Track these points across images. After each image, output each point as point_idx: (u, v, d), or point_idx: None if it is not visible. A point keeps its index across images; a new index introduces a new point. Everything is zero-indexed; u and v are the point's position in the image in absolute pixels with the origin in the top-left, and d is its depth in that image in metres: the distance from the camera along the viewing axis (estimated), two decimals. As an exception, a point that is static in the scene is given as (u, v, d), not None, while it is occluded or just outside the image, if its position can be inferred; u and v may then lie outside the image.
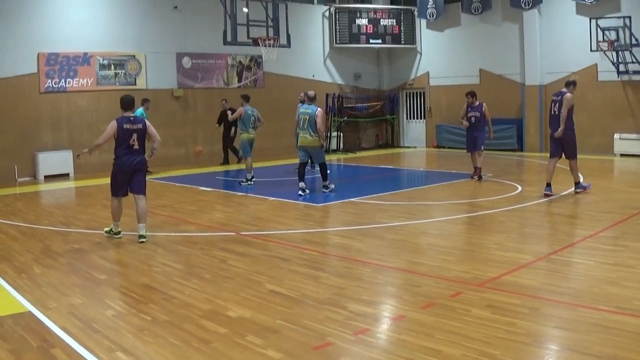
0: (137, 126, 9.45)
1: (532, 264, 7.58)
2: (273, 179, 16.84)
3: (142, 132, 9.51)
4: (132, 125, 9.39)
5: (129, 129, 9.35)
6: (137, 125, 9.45)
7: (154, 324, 5.87)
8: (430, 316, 5.83)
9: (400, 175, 18.84)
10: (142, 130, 9.50)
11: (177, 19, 21.29)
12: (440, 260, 8.02)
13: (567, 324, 5.58)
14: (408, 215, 11.22)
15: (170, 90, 21.18)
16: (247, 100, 15.51)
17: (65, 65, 18.89)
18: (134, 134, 9.37)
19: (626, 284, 6.63)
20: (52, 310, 6.26)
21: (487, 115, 15.41)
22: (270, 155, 22.32)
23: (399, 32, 26.25)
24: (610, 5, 20.27)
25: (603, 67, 20.47)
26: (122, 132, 9.30)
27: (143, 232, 9.53)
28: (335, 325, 5.67)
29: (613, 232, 9.26)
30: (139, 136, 9.45)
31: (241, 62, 23.00)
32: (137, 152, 9.47)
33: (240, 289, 6.89)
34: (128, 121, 9.38)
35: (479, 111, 15.35)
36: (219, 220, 11.31)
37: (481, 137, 15.49)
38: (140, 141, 9.49)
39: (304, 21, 24.67)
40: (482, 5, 23.61)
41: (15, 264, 8.29)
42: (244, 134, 15.44)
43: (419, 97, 27.17)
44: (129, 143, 9.35)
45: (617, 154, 20.40)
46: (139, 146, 9.47)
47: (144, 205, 9.63)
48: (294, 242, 9.34)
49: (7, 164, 17.94)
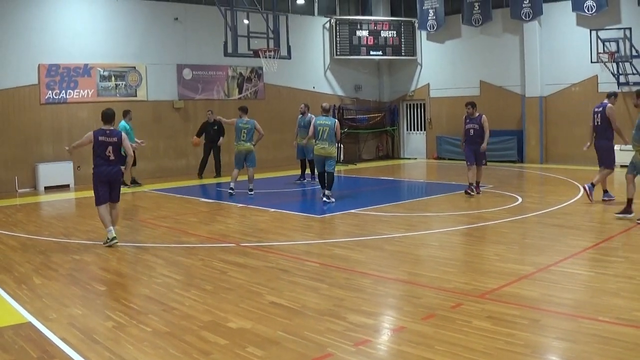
0: (112, 139, 10.02)
1: (532, 275, 7.58)
2: (273, 190, 16.82)
3: (117, 144, 10.07)
4: (107, 137, 9.99)
5: (104, 142, 9.97)
6: (112, 139, 10.03)
7: (155, 335, 5.87)
8: (431, 327, 5.83)
9: (400, 186, 18.84)
10: (117, 143, 10.06)
11: (178, 30, 21.35)
12: (440, 271, 8.02)
13: (567, 335, 5.58)
14: (408, 227, 11.23)
15: (170, 102, 21.21)
16: (244, 112, 15.58)
17: (65, 77, 18.94)
18: (109, 146, 9.97)
19: (626, 294, 6.63)
20: (52, 321, 6.26)
21: (486, 128, 14.74)
22: (271, 167, 22.33)
23: (399, 44, 26.32)
24: (610, 17, 20.34)
25: (603, 78, 20.53)
26: (97, 144, 9.97)
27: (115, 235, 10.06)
28: (336, 336, 5.67)
29: (613, 243, 9.27)
30: (114, 148, 10.02)
31: (242, 73, 23.04)
32: (113, 162, 10.07)
33: (241, 300, 6.89)
34: (104, 134, 10.00)
35: (478, 123, 14.78)
36: (219, 231, 11.31)
37: (479, 151, 14.83)
38: (116, 153, 10.06)
39: (305, 33, 24.75)
40: (482, 17, 23.68)
41: (16, 275, 8.29)
42: (235, 146, 15.58)
43: (419, 108, 27.20)
44: (105, 154, 9.96)
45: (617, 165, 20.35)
46: (114, 157, 10.05)
47: (117, 212, 10.41)
48: (294, 253, 9.34)
49: (7, 175, 17.96)
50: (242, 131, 15.31)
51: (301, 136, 17.26)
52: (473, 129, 14.83)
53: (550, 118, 22.22)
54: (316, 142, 14.19)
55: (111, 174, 10.05)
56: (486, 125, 14.78)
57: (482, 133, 14.75)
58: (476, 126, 14.78)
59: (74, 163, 18.80)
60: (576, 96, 21.16)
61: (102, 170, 9.99)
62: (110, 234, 10.01)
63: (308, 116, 17.15)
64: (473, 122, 14.86)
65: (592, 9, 20.54)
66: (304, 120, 17.24)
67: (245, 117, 15.46)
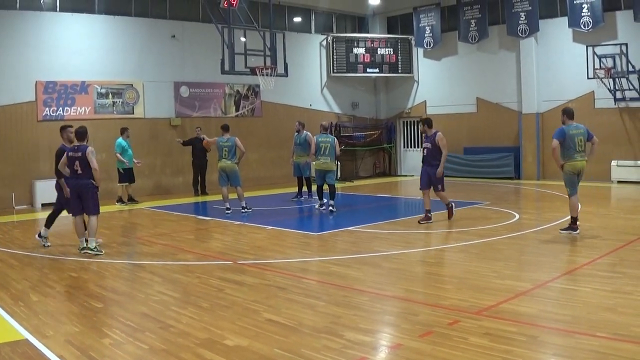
0: (78, 154, 10.65)
1: (529, 291, 7.57)
2: (270, 207, 16.81)
3: (83, 159, 10.61)
4: (74, 153, 10.69)
5: (72, 157, 10.69)
6: (78, 154, 10.66)
7: (151, 352, 5.85)
8: (428, 344, 5.82)
9: (397, 204, 18.85)
10: (82, 158, 10.61)
11: (175, 48, 21.43)
12: (437, 288, 8.01)
13: (564, 351, 5.57)
14: (405, 244, 11.22)
15: (168, 120, 21.24)
16: (225, 130, 15.71)
17: (63, 94, 18.98)
18: (76, 161, 10.64)
19: (624, 310, 6.63)
20: (49, 339, 6.24)
21: (442, 147, 13.20)
22: (268, 184, 22.34)
23: (396, 61, 26.45)
24: (606, 33, 20.47)
25: (600, 94, 20.63)
26: (68, 158, 10.77)
27: (90, 245, 10.76)
28: (333, 354, 5.65)
29: (611, 259, 9.26)
30: (80, 163, 10.62)
31: (239, 91, 23.10)
32: (80, 176, 10.67)
33: (238, 318, 6.87)
34: (72, 150, 10.75)
35: (432, 142, 13.29)
36: (216, 249, 11.30)
37: (435, 174, 13.34)
38: (83, 167, 10.62)
39: (302, 50, 24.85)
40: (479, 34, 23.82)
41: (13, 292, 8.27)
42: (217, 164, 15.79)
43: (416, 126, 27.24)
44: (73, 168, 10.70)
45: (615, 181, 20.45)
46: (82, 171, 10.63)
47: (93, 223, 10.81)
48: (291, 270, 9.33)
49: (4, 192, 17.96)
50: (223, 149, 15.42)
51: (297, 154, 17.30)
52: (427, 148, 13.48)
53: (547, 134, 22.26)
54: (318, 157, 15.49)
55: (78, 185, 10.71)
56: (442, 144, 13.24)
57: (438, 153, 13.25)
58: (429, 145, 13.36)
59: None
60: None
61: (71, 183, 10.85)
62: (80, 244, 10.90)
63: (303, 134, 17.18)
64: (427, 140, 13.48)
65: (588, 25, 20.69)
66: (299, 138, 17.26)
67: (227, 135, 15.52)
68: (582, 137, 11.34)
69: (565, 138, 11.25)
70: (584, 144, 11.43)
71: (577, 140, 11.29)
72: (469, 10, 24.04)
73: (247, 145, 16.94)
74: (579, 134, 11.32)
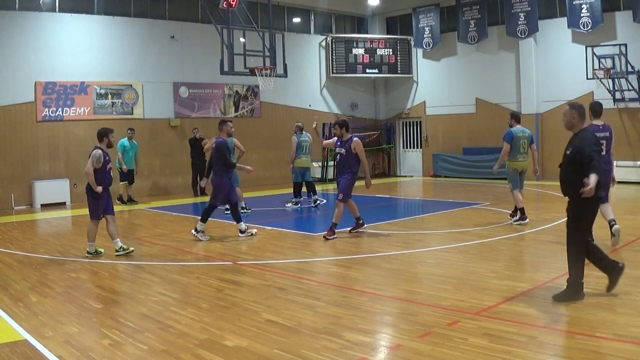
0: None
1: (529, 292, 7.58)
2: (270, 208, 16.80)
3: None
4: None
5: None
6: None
7: (151, 353, 5.85)
8: (427, 345, 5.82)
9: (396, 204, 18.85)
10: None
11: (174, 48, 21.44)
12: (437, 289, 8.01)
13: (564, 351, 5.57)
14: (405, 245, 11.22)
15: (167, 120, 21.25)
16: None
17: (62, 94, 18.99)
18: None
19: (623, 310, 6.64)
20: (48, 339, 6.24)
21: (359, 153, 11.82)
22: (267, 185, 22.34)
23: (395, 62, 26.47)
24: (605, 33, 20.49)
25: (599, 94, 20.60)
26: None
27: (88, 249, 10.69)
28: (332, 354, 5.65)
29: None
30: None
31: (238, 91, 23.11)
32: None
33: (237, 319, 6.87)
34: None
35: (347, 148, 11.85)
36: (215, 249, 11.29)
37: (343, 183, 11.86)
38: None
39: (301, 51, 24.87)
40: (478, 35, 23.83)
41: (12, 292, 8.27)
42: None
43: (415, 126, 27.29)
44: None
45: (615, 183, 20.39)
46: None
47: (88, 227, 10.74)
48: (290, 271, 9.33)
49: (4, 193, 17.97)
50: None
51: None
52: (340, 154, 12.05)
53: (546, 135, 22.30)
54: (300, 156, 16.53)
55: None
56: (359, 150, 11.86)
57: (351, 161, 11.88)
58: (343, 151, 11.95)
59: (71, 180, 18.83)
60: (572, 113, 21.27)
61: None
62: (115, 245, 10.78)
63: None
64: (342, 145, 12.02)
65: (587, 25, 20.71)
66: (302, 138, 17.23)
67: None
68: (526, 141, 12.94)
69: (513, 140, 12.84)
70: (527, 147, 13.02)
71: (522, 143, 12.91)
72: (468, 10, 24.05)
73: (247, 146, 16.91)
74: (524, 137, 12.93)
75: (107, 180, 10.59)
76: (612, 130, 10.33)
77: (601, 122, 10.13)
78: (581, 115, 7.45)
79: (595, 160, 6.77)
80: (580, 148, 7.00)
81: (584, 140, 7.08)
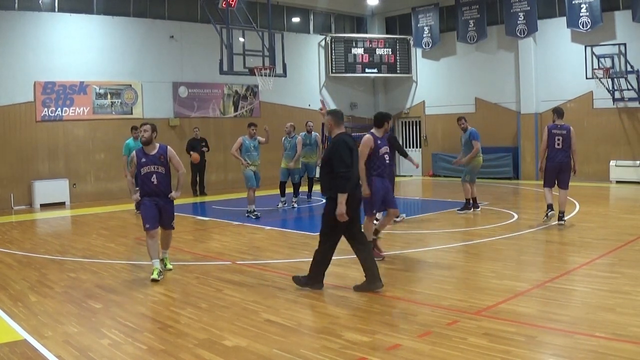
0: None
1: (528, 291, 7.58)
2: (269, 208, 16.80)
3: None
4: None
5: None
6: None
7: (150, 353, 5.85)
8: (427, 345, 5.82)
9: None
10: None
11: (174, 48, 21.43)
12: (436, 288, 8.01)
13: (563, 351, 5.57)
14: (404, 244, 11.22)
15: (166, 120, 21.23)
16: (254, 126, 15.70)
17: (61, 94, 18.98)
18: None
19: (622, 310, 6.63)
20: (47, 339, 6.24)
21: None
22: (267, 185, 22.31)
23: (394, 61, 26.46)
24: (605, 33, 20.49)
25: (598, 94, 20.65)
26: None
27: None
28: (332, 354, 5.65)
29: (609, 259, 9.27)
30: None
31: (237, 91, 23.10)
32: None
33: (236, 318, 6.87)
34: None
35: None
36: (215, 249, 11.29)
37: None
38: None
39: (300, 51, 24.86)
40: (477, 34, 23.83)
41: (11, 292, 8.27)
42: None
43: (414, 126, 27.29)
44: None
45: (613, 181, 20.47)
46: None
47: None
48: (290, 271, 9.31)
49: (3, 192, 17.97)
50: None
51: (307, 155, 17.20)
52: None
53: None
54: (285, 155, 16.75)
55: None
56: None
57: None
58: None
59: (70, 181, 18.83)
60: (571, 112, 21.21)
61: None
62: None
63: (313, 135, 17.22)
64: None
65: (586, 25, 20.71)
66: (309, 138, 17.19)
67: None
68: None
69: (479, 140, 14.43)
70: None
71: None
72: (468, 10, 24.05)
73: (246, 146, 16.89)
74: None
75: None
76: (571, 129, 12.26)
77: (562, 122, 12.32)
78: (337, 120, 7.95)
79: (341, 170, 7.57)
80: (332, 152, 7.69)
81: (336, 144, 7.72)
